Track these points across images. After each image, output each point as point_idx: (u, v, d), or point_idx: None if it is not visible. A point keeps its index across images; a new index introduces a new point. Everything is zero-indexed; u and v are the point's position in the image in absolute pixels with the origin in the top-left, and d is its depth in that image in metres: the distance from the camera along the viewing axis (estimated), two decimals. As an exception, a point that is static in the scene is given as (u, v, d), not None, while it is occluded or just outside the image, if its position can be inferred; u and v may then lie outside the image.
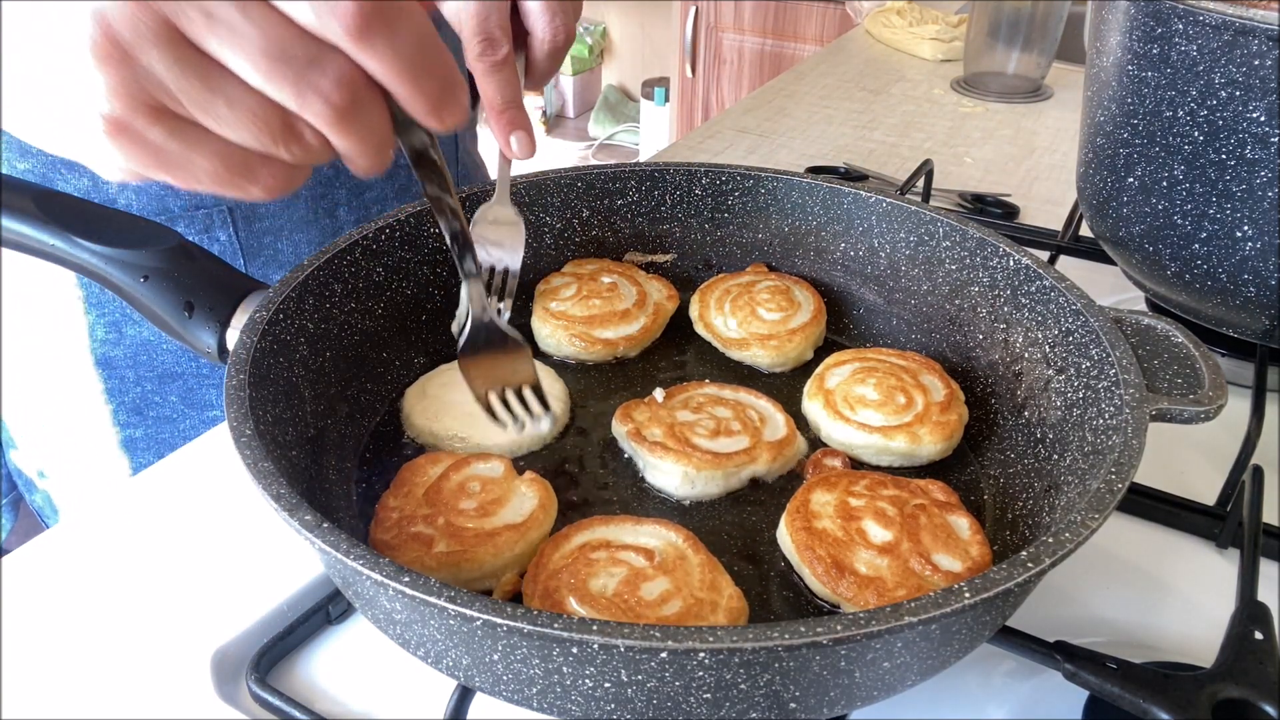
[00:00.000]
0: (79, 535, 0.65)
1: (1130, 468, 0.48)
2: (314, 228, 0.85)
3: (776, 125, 1.39)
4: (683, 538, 0.54)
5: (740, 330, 0.75)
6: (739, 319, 0.75)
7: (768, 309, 0.75)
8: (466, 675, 0.46)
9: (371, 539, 0.55)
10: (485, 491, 0.57)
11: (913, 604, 0.39)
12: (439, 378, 0.69)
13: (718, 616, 0.49)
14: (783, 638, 0.37)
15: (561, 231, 0.80)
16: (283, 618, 0.58)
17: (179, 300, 0.57)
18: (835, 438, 0.66)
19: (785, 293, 0.76)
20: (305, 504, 0.44)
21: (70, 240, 0.57)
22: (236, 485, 0.67)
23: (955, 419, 0.65)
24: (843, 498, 0.57)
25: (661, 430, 0.63)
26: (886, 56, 1.69)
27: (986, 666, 0.56)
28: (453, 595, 0.39)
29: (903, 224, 0.75)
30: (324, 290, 0.64)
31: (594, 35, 3.62)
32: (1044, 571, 0.42)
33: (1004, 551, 0.57)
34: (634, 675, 0.40)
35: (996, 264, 0.68)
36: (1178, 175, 0.70)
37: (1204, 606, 0.61)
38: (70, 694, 0.55)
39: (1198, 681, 0.47)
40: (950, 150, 1.31)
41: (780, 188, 0.79)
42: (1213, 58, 0.65)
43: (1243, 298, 0.71)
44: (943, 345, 0.73)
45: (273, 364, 0.57)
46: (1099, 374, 0.57)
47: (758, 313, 0.75)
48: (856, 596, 0.52)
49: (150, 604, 0.60)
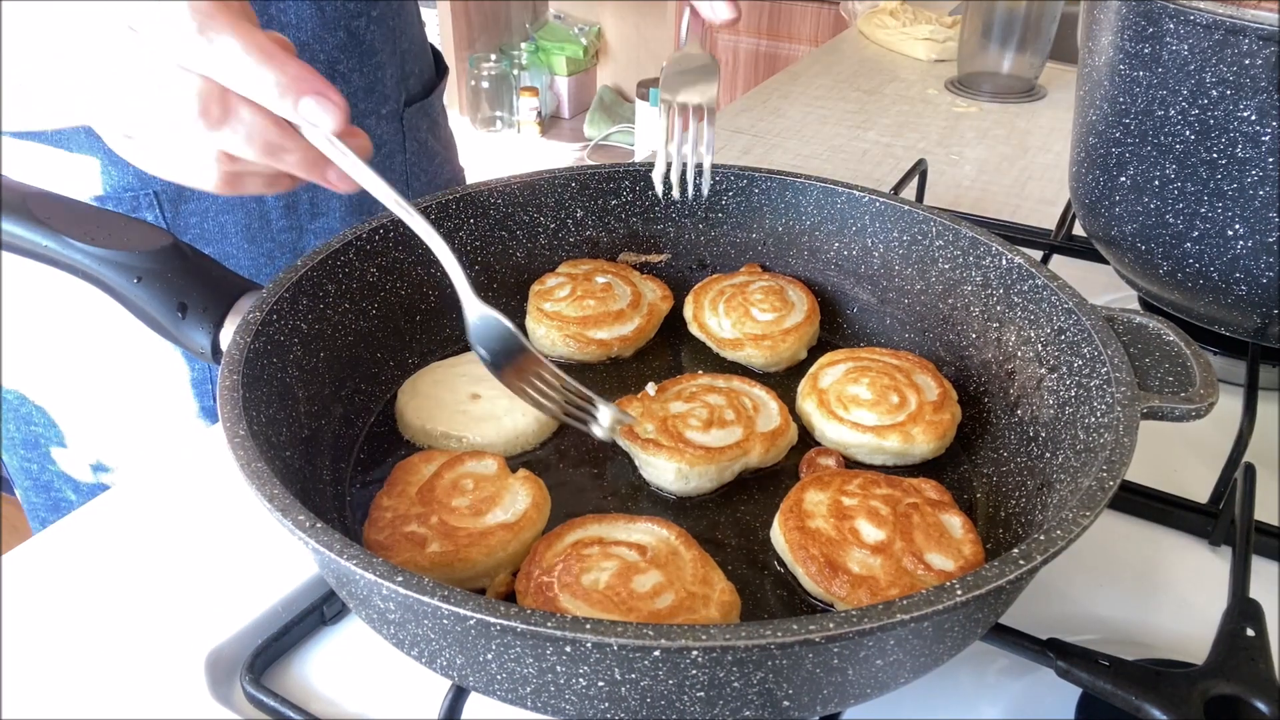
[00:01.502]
0: (74, 537, 0.65)
1: (1122, 465, 0.48)
2: (239, 210, 0.86)
3: (771, 126, 1.39)
4: (675, 534, 0.54)
5: (734, 330, 0.75)
6: (733, 319, 0.75)
7: (761, 309, 0.75)
8: (461, 675, 0.46)
9: (365, 539, 0.55)
10: (478, 489, 0.57)
11: (905, 601, 0.39)
12: (430, 375, 0.69)
13: (710, 610, 0.49)
14: (776, 635, 0.38)
15: (556, 232, 0.80)
16: (277, 618, 0.58)
17: (172, 301, 0.57)
18: (829, 437, 0.66)
19: (779, 293, 0.76)
20: (299, 505, 0.44)
21: (63, 241, 0.56)
22: (231, 486, 0.67)
23: (948, 418, 0.65)
24: (836, 497, 0.57)
25: (654, 425, 0.63)
26: (880, 57, 1.69)
27: (979, 664, 0.57)
28: (446, 595, 0.39)
29: (896, 223, 0.75)
30: (318, 290, 0.64)
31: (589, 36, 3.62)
32: (1036, 569, 0.42)
33: (996, 550, 0.57)
34: (627, 674, 0.40)
35: (989, 263, 0.69)
36: (1169, 174, 0.71)
37: (1196, 604, 0.61)
38: (65, 694, 0.55)
39: (1190, 678, 0.47)
40: (944, 150, 1.31)
41: (774, 188, 0.79)
42: (1204, 57, 0.65)
43: (1234, 296, 0.71)
44: (936, 344, 0.73)
45: (266, 364, 0.57)
46: (1091, 372, 0.57)
47: (751, 313, 0.75)
48: (850, 595, 0.52)
49: (145, 605, 0.60)
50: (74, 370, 0.89)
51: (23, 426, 0.93)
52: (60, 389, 0.91)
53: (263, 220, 0.87)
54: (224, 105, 0.48)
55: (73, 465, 0.94)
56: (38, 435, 0.93)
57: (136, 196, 0.82)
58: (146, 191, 0.81)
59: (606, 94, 3.74)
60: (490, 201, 0.76)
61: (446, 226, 0.74)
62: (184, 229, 0.85)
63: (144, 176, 0.80)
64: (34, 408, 0.92)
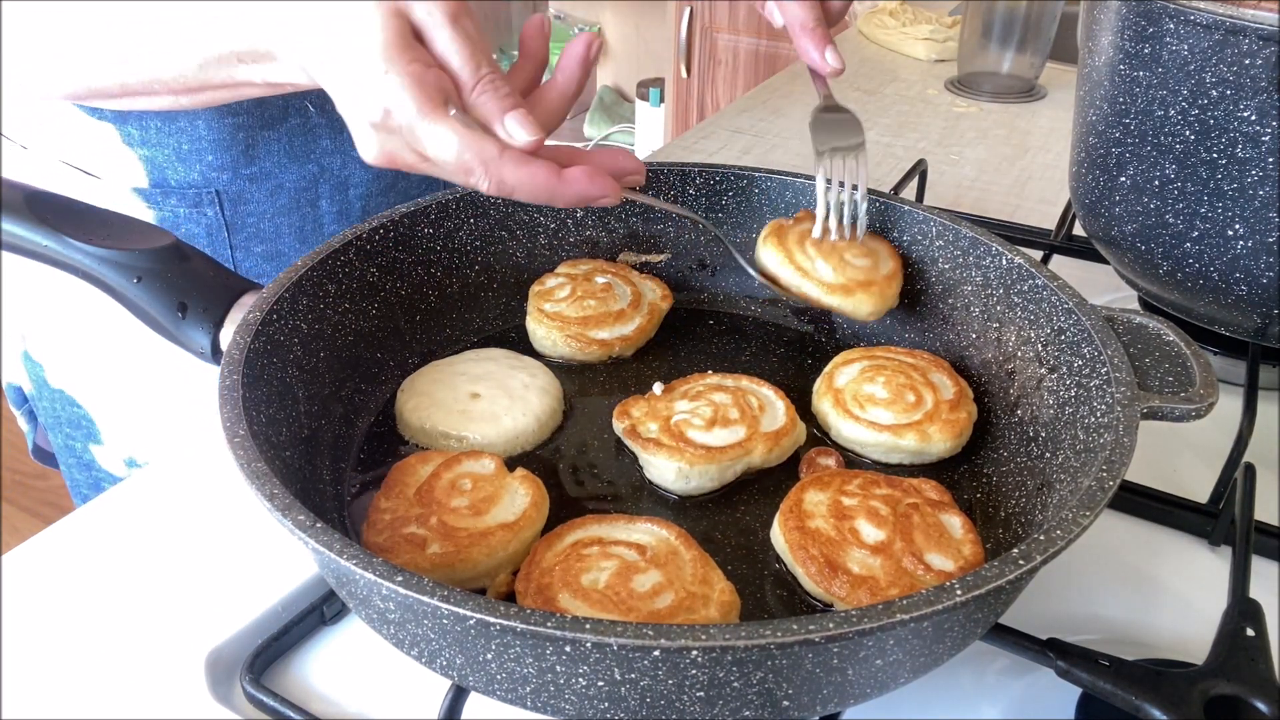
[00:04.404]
0: (73, 536, 0.65)
1: (1122, 465, 0.48)
2: (295, 214, 0.88)
3: (771, 126, 1.39)
4: (675, 534, 0.54)
5: (837, 276, 0.70)
6: (833, 264, 0.70)
7: (853, 255, 0.71)
8: (460, 675, 0.46)
9: (365, 542, 0.55)
10: (477, 489, 0.57)
11: (905, 601, 0.39)
12: (429, 374, 0.69)
13: (710, 610, 0.49)
14: (776, 635, 0.38)
15: (555, 231, 0.80)
16: (277, 618, 0.58)
17: (172, 301, 0.57)
18: (845, 435, 0.66)
19: (862, 242, 0.73)
20: (299, 504, 0.44)
21: (63, 241, 0.56)
22: (231, 486, 0.67)
23: (964, 416, 0.65)
24: (836, 497, 0.57)
25: (657, 425, 0.63)
26: (880, 57, 1.69)
27: (979, 664, 0.57)
28: (446, 595, 0.39)
29: (896, 223, 0.75)
30: (318, 290, 0.64)
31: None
32: (1035, 569, 0.42)
33: (996, 550, 0.57)
34: (627, 674, 0.40)
35: (989, 263, 0.69)
36: (1169, 174, 0.71)
37: (1196, 604, 0.61)
38: (65, 694, 0.55)
39: (1190, 678, 0.47)
40: (944, 150, 1.31)
41: (774, 187, 0.79)
42: (1204, 57, 0.65)
43: (1234, 296, 0.71)
44: (936, 344, 0.73)
45: (266, 364, 0.57)
46: (1091, 372, 0.57)
47: (846, 259, 0.70)
48: (849, 596, 0.52)
49: (145, 605, 0.60)
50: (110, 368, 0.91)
51: (67, 407, 0.95)
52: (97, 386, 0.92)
53: (316, 224, 0.89)
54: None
55: (108, 460, 0.96)
56: (79, 416, 0.95)
57: (199, 193, 0.83)
58: (209, 190, 0.83)
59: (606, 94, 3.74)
60: (490, 201, 0.76)
61: (446, 226, 0.74)
62: (240, 227, 0.86)
63: (209, 175, 0.82)
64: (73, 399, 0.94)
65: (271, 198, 0.85)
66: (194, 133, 0.79)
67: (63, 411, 0.96)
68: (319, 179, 0.87)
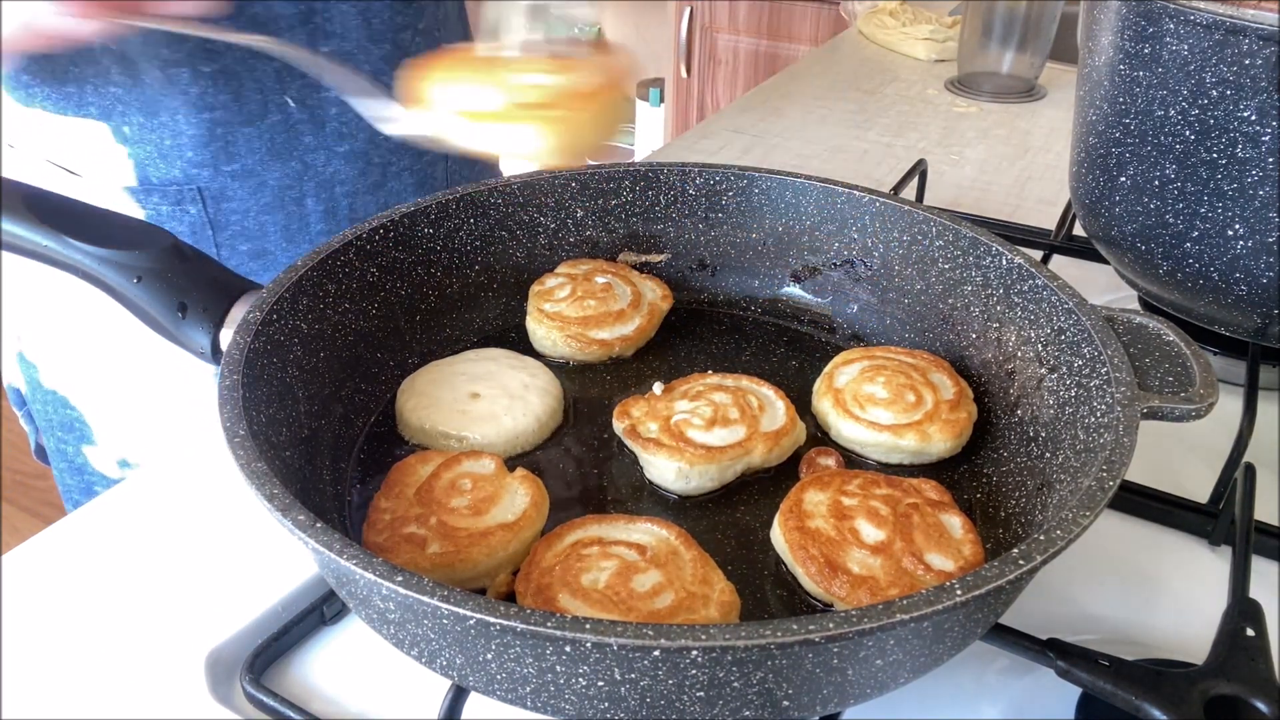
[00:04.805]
0: (73, 536, 0.65)
1: (1122, 465, 0.48)
2: (280, 212, 0.88)
3: (771, 126, 1.39)
4: (675, 534, 0.54)
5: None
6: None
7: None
8: (460, 675, 0.46)
9: (365, 542, 0.55)
10: (477, 489, 0.57)
11: (905, 601, 0.39)
12: (429, 374, 0.69)
13: (710, 610, 0.49)
14: (775, 635, 0.38)
15: (555, 232, 0.80)
16: (277, 618, 0.58)
17: (172, 301, 0.57)
18: (845, 435, 0.66)
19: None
20: (299, 504, 0.44)
21: (63, 241, 0.56)
22: (231, 486, 0.67)
23: (965, 416, 0.65)
24: (835, 497, 0.57)
25: (657, 425, 0.63)
26: (880, 57, 1.69)
27: (979, 664, 0.57)
28: (446, 595, 0.39)
29: (896, 223, 0.75)
30: (318, 290, 0.64)
31: (588, 36, 3.63)
32: (1035, 569, 0.42)
33: (996, 550, 0.57)
34: (627, 674, 0.40)
35: (989, 263, 0.69)
36: (1169, 174, 0.71)
37: (1196, 604, 0.61)
38: (65, 694, 0.55)
39: (1190, 678, 0.47)
40: (944, 150, 1.31)
41: (774, 187, 0.79)
42: (1204, 57, 0.65)
43: (1234, 296, 0.71)
44: (936, 344, 0.73)
45: (266, 364, 0.57)
46: (1091, 372, 0.57)
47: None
48: (849, 596, 0.52)
49: (144, 605, 0.60)
50: (103, 369, 0.91)
51: (59, 409, 0.95)
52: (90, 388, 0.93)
53: (302, 222, 0.89)
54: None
55: (101, 461, 0.96)
56: (73, 419, 0.95)
57: (181, 191, 0.83)
58: (191, 187, 0.83)
59: (606, 94, 3.74)
60: (490, 201, 0.76)
61: (446, 226, 0.74)
62: (224, 225, 0.86)
63: (189, 172, 0.82)
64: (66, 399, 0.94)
65: (255, 195, 0.85)
66: (174, 128, 0.79)
67: (55, 414, 0.95)
68: (303, 176, 0.87)
